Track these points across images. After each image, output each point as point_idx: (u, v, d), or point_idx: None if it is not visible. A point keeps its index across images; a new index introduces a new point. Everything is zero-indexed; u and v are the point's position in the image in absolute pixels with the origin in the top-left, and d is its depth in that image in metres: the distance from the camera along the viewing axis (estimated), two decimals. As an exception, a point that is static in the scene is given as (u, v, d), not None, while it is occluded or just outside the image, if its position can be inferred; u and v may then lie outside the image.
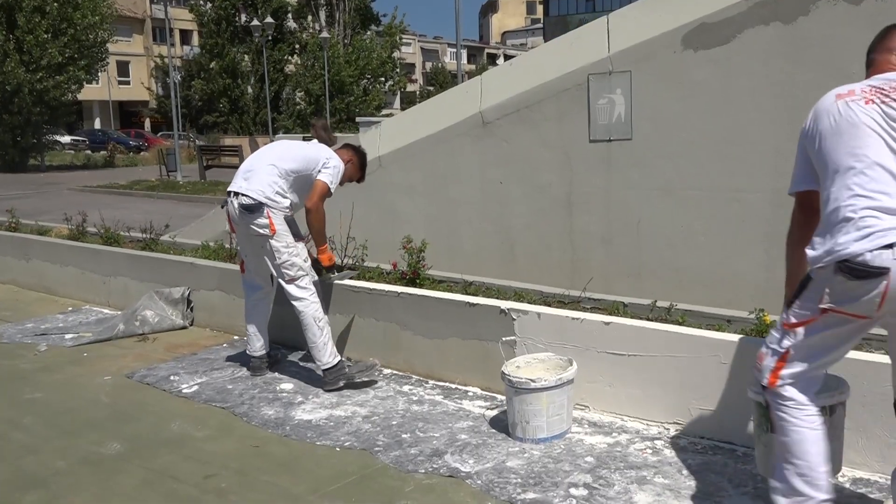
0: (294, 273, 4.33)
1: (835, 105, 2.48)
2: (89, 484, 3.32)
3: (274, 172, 4.26)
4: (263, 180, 4.22)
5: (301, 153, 4.43)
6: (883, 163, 2.32)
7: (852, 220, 2.30)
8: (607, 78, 5.48)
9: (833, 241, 2.33)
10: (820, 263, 2.37)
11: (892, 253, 2.21)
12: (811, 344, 2.46)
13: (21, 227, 8.18)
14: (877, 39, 2.68)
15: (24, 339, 5.60)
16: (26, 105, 26.66)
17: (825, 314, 2.39)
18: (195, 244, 6.77)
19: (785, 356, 2.51)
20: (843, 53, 4.58)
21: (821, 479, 2.47)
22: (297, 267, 4.33)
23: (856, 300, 2.31)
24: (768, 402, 2.60)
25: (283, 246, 4.26)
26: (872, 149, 2.34)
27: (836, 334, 2.43)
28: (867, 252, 2.24)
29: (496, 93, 6.09)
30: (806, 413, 2.50)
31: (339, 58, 37.37)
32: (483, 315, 4.20)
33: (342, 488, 3.21)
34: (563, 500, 3.02)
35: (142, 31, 54.86)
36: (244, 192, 4.16)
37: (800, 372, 2.50)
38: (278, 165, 4.29)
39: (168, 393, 4.43)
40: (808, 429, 2.49)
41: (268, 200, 4.18)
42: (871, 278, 2.24)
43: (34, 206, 13.28)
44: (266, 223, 4.17)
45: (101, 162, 31.37)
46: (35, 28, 26.23)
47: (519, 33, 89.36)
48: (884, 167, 2.31)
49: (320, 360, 4.35)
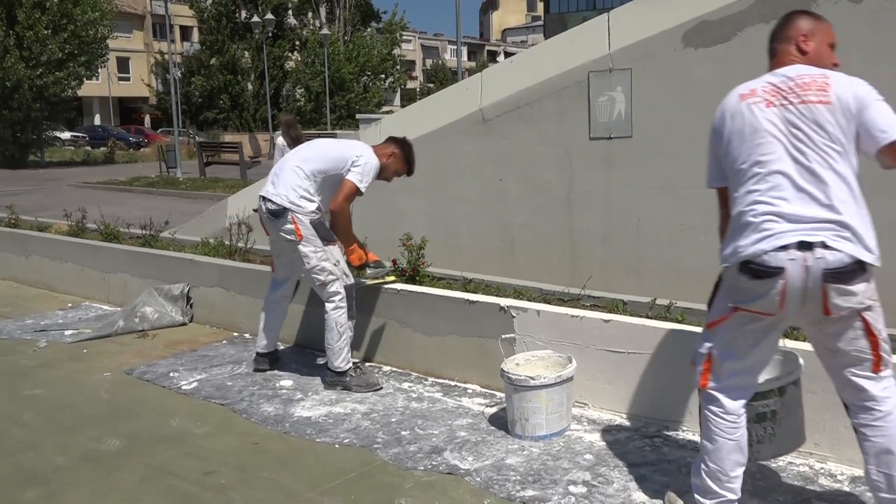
0: (324, 278, 4.22)
1: (739, 106, 2.56)
2: (89, 480, 3.32)
3: (300, 175, 4.19)
4: (288, 184, 4.18)
5: (329, 153, 4.30)
6: (783, 169, 2.42)
7: (753, 225, 2.43)
8: (608, 75, 5.48)
9: (735, 244, 2.47)
10: (726, 263, 2.52)
11: (788, 254, 2.34)
12: (729, 342, 2.58)
13: (21, 223, 8.18)
14: (777, 27, 2.71)
15: (24, 336, 5.60)
16: (26, 101, 26.66)
17: (735, 312, 2.53)
18: (195, 241, 6.78)
19: (710, 357, 2.63)
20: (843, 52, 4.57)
21: (732, 482, 2.64)
22: (326, 272, 4.22)
23: (759, 298, 2.43)
24: (700, 401, 2.72)
25: (311, 251, 4.18)
26: (774, 155, 2.44)
27: (751, 332, 2.54)
28: (764, 253, 2.38)
29: (496, 90, 6.09)
30: (729, 423, 2.62)
31: (340, 55, 37.40)
32: (483, 312, 4.20)
33: (341, 485, 3.21)
34: (562, 498, 3.02)
35: (142, 27, 54.82)
36: (269, 197, 4.18)
37: (726, 373, 2.60)
38: (304, 167, 4.21)
39: (167, 389, 4.43)
40: (728, 439, 2.62)
41: (292, 205, 4.13)
42: (769, 277, 2.38)
43: (34, 203, 13.28)
44: (292, 229, 4.14)
45: (101, 158, 31.34)
46: (35, 24, 26.21)
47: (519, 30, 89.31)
48: (783, 174, 2.42)
49: (331, 363, 4.31)
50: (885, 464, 2.49)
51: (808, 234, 2.35)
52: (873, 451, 2.51)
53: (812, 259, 2.34)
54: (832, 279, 2.34)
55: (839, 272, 2.33)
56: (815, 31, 2.65)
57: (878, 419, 2.50)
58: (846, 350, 2.49)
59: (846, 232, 2.35)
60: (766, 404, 2.82)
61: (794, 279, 2.35)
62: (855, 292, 2.37)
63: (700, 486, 2.70)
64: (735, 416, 2.62)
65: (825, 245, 2.33)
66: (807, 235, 2.34)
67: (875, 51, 4.47)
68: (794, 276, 2.35)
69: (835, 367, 2.57)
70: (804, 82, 2.48)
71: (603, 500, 3.00)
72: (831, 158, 2.40)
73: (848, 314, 2.42)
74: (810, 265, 2.34)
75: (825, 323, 2.47)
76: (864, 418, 2.53)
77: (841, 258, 2.33)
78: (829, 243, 2.34)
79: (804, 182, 2.40)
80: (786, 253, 2.35)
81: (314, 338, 4.82)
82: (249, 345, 5.20)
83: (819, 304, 2.37)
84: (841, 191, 2.39)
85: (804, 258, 2.34)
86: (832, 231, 2.35)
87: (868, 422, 2.51)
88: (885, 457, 2.48)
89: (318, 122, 35.65)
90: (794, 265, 2.34)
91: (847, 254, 2.33)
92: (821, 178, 2.39)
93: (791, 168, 2.42)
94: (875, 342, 2.46)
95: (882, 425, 2.49)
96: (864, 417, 2.52)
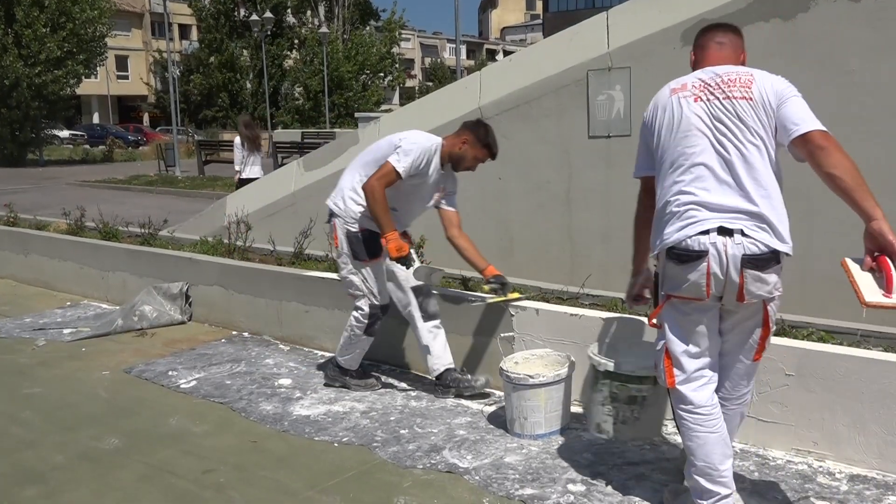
0: (352, 291, 4.09)
1: (670, 100, 2.71)
2: (88, 479, 3.32)
3: (355, 177, 4.03)
4: (341, 184, 4.08)
5: (380, 143, 4.09)
6: (706, 161, 2.56)
7: (677, 214, 2.57)
8: (607, 74, 5.47)
9: (661, 233, 2.61)
10: (655, 251, 2.68)
11: (710, 238, 2.49)
12: (677, 333, 2.68)
13: (20, 221, 8.17)
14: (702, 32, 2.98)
15: (23, 334, 5.60)
16: (25, 99, 26.63)
17: (669, 300, 2.66)
18: (194, 239, 6.77)
19: (667, 352, 2.71)
20: (842, 51, 4.58)
21: (724, 476, 2.67)
22: (354, 286, 4.06)
23: (686, 283, 2.56)
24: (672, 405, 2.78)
25: (343, 262, 4.07)
26: (698, 147, 2.58)
27: (690, 319, 2.64)
28: (688, 238, 2.52)
29: (495, 89, 6.09)
30: (704, 416, 2.67)
31: (338, 53, 37.34)
32: (482, 311, 4.20)
33: (340, 483, 3.21)
34: (560, 496, 3.02)
35: (140, 25, 54.75)
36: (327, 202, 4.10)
37: (686, 364, 2.67)
38: (359, 170, 4.04)
39: (166, 388, 4.43)
40: (709, 433, 2.66)
41: (336, 208, 4.02)
42: (693, 261, 2.52)
43: (32, 201, 13.26)
44: (330, 233, 4.08)
45: (100, 157, 31.32)
46: (34, 22, 26.18)
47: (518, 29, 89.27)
48: (706, 165, 2.56)
49: (338, 357, 4.27)
50: None
51: (728, 221, 2.50)
52: None
53: (732, 244, 2.49)
54: (750, 265, 2.49)
55: (756, 259, 2.49)
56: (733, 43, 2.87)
57: (727, 400, 2.75)
58: (741, 335, 2.66)
59: (762, 223, 2.49)
60: (640, 389, 3.01)
61: (716, 263, 2.50)
62: (768, 281, 2.53)
63: (696, 488, 2.72)
64: (708, 409, 2.68)
65: (743, 233, 2.48)
66: (727, 222, 2.48)
67: (874, 50, 4.47)
68: (715, 259, 2.50)
69: (721, 350, 2.71)
70: (730, 79, 2.63)
71: (602, 498, 3.00)
72: (751, 153, 2.54)
73: (756, 302, 2.57)
74: (730, 250, 2.49)
75: (735, 310, 2.61)
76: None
77: (758, 245, 2.48)
78: (747, 232, 2.49)
79: (725, 174, 2.54)
80: (707, 237, 2.50)
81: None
82: (248, 343, 5.21)
83: (736, 290, 2.52)
84: (759, 184, 2.53)
85: (724, 243, 2.49)
86: (750, 221, 2.49)
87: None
88: None
89: (316, 121, 35.62)
90: (715, 249, 2.50)
91: (763, 243, 2.48)
92: (740, 171, 2.53)
93: (714, 160, 2.56)
94: (767, 332, 2.65)
95: (725, 405, 2.74)
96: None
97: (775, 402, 3.32)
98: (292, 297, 5.15)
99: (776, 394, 3.31)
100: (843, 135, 4.61)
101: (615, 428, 3.01)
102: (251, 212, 6.88)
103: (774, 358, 3.29)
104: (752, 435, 3.38)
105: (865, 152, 4.56)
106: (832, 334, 3.71)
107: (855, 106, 4.57)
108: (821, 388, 3.20)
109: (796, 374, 3.25)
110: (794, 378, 3.25)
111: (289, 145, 20.63)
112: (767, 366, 3.31)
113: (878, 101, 4.50)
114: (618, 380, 3.06)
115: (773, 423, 3.34)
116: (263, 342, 5.25)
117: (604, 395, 3.09)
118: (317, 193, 6.76)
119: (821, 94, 4.71)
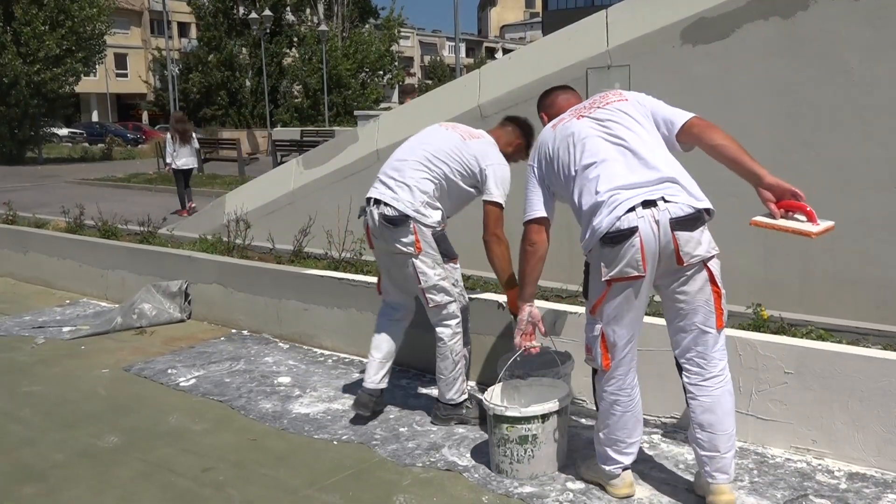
0: (440, 299, 3.63)
1: (553, 132, 3.01)
2: (87, 476, 3.32)
3: (425, 177, 3.62)
4: (412, 186, 3.60)
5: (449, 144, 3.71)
6: (609, 156, 2.81)
7: (603, 203, 2.73)
8: (606, 72, 5.47)
9: (592, 226, 2.76)
10: (590, 247, 2.80)
11: (637, 213, 2.67)
12: (613, 316, 2.82)
13: (19, 219, 8.17)
14: (543, 97, 3.42)
15: (22, 332, 5.60)
16: (24, 97, 26.54)
17: (610, 285, 2.77)
18: (193, 237, 6.77)
19: (603, 336, 2.86)
20: (841, 49, 4.58)
21: (631, 448, 2.96)
22: (444, 292, 3.63)
23: (623, 261, 2.71)
24: (596, 385, 3.00)
25: (429, 267, 3.60)
26: (597, 148, 2.84)
27: (627, 299, 2.79)
28: (618, 219, 2.68)
29: (494, 87, 6.08)
30: (627, 398, 2.91)
31: (338, 51, 37.29)
32: (481, 309, 4.20)
33: (339, 482, 3.21)
34: (559, 494, 3.03)
35: (140, 23, 54.70)
36: (388, 202, 3.58)
37: (619, 346, 2.85)
38: (429, 167, 3.64)
39: (165, 386, 4.43)
40: (627, 412, 2.92)
41: (416, 213, 3.56)
42: (626, 239, 2.67)
43: (32, 199, 13.25)
44: (412, 241, 3.55)
45: (99, 155, 31.26)
46: (32, 20, 26.10)
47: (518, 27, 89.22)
48: (612, 158, 2.80)
49: (443, 395, 3.75)
50: (709, 423, 2.80)
51: (648, 194, 2.70)
52: (699, 411, 2.82)
53: (657, 213, 2.68)
54: (679, 227, 2.67)
55: (683, 219, 2.68)
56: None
57: (707, 380, 2.82)
58: (694, 302, 2.77)
59: (676, 186, 2.73)
60: (528, 428, 3.09)
61: (648, 234, 2.67)
62: (701, 241, 2.71)
63: (602, 454, 2.99)
64: (630, 390, 2.91)
65: (664, 199, 2.68)
66: (647, 195, 2.68)
67: (873, 49, 4.47)
68: (646, 231, 2.67)
69: (683, 324, 2.82)
70: (601, 97, 3.03)
71: (600, 496, 3.01)
72: (643, 135, 2.85)
73: (697, 263, 2.72)
74: (658, 218, 2.67)
75: (678, 277, 2.75)
76: (695, 378, 2.83)
77: (681, 206, 2.68)
78: (667, 198, 2.69)
79: (631, 157, 2.79)
80: (634, 213, 2.68)
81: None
82: (248, 341, 5.21)
83: (673, 254, 2.69)
84: (658, 155, 2.82)
85: (651, 214, 2.68)
86: (665, 187, 2.71)
87: (698, 382, 2.83)
88: (708, 416, 2.80)
89: (315, 119, 35.58)
90: (644, 222, 2.67)
91: (687, 204, 2.70)
92: (641, 150, 2.80)
93: (615, 152, 2.82)
94: (718, 293, 2.77)
95: (709, 386, 2.81)
96: (695, 378, 2.83)
97: (774, 400, 3.33)
98: (291, 295, 5.16)
99: (775, 392, 3.32)
100: (842, 133, 4.64)
101: (511, 468, 3.13)
102: (250, 210, 6.88)
103: (773, 356, 3.30)
104: (751, 433, 3.39)
105: (864, 150, 4.57)
106: (831, 332, 3.72)
107: (854, 104, 4.57)
108: (820, 387, 3.21)
109: (795, 373, 3.25)
110: (793, 376, 3.25)
111: (288, 143, 20.59)
112: (766, 364, 3.31)
113: (877, 100, 4.50)
114: (506, 422, 3.11)
115: (771, 420, 3.35)
116: (263, 340, 5.25)
117: (497, 437, 3.16)
118: (316, 192, 6.77)
119: (820, 93, 4.72)
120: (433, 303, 3.64)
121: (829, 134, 4.65)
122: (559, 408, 3.15)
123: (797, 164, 4.69)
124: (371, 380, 3.77)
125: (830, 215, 2.68)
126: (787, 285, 4.73)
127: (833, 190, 4.53)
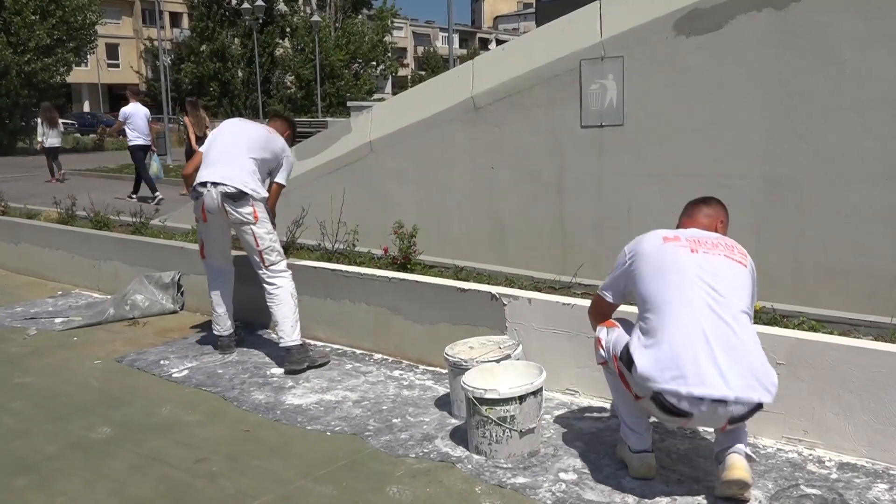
0: (274, 258, 4.51)
1: (662, 245, 3.12)
2: (79, 468, 3.32)
3: (252, 163, 4.53)
4: (243, 169, 4.48)
5: (264, 143, 4.68)
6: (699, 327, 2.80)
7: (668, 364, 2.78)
8: (599, 63, 5.47)
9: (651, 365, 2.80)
10: (644, 393, 2.86)
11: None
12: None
13: (10, 210, 8.13)
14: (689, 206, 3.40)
15: (14, 323, 5.58)
16: (14, 87, 26.38)
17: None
18: (185, 228, 6.75)
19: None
20: (834, 41, 4.58)
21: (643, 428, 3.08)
22: (276, 252, 4.53)
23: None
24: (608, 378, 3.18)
25: (265, 232, 4.48)
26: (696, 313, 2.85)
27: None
28: (678, 399, 2.74)
29: (488, 78, 6.08)
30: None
31: (330, 42, 37.13)
32: (474, 300, 4.20)
33: (332, 472, 3.22)
34: (552, 485, 3.04)
35: (131, 13, 54.33)
36: (225, 182, 4.38)
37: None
38: (252, 155, 4.56)
39: (158, 377, 4.42)
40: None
41: (252, 191, 4.43)
42: (677, 416, 2.80)
43: (23, 190, 13.15)
44: (250, 212, 4.41)
45: (91, 145, 31.07)
46: (22, 9, 25.92)
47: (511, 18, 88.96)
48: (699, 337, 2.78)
49: (290, 336, 4.44)
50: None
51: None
52: None
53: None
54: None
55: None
56: None
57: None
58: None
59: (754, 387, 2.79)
60: (507, 410, 3.17)
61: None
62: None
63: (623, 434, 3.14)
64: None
65: (736, 402, 2.74)
66: (720, 395, 2.72)
67: (866, 41, 4.48)
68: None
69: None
70: (727, 244, 3.04)
71: (593, 486, 3.02)
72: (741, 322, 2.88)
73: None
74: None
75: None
76: None
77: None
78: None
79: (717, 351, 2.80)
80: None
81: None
82: (240, 332, 5.19)
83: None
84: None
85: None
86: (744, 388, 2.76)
87: None
88: None
89: (308, 110, 35.45)
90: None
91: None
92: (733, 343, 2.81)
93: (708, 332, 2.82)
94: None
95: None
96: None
97: (766, 391, 3.33)
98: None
99: (767, 383, 3.32)
100: (835, 124, 4.65)
101: (490, 448, 3.19)
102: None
103: (765, 347, 3.30)
104: (743, 423, 3.40)
105: (857, 142, 4.58)
106: (823, 323, 3.73)
107: (846, 96, 4.58)
108: (811, 377, 3.22)
109: (787, 363, 3.26)
110: (784, 367, 3.26)
111: (281, 134, 20.50)
112: (758, 355, 3.32)
113: (870, 92, 4.51)
114: (485, 404, 3.17)
115: (763, 411, 3.35)
116: (255, 331, 5.24)
117: (476, 419, 3.22)
118: (309, 183, 6.75)
119: (813, 84, 4.73)
120: (269, 262, 4.50)
121: (821, 125, 4.66)
122: (535, 389, 3.23)
123: (790, 156, 4.69)
124: (227, 327, 4.83)
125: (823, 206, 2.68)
126: (779, 276, 4.74)
127: (825, 181, 4.55)
